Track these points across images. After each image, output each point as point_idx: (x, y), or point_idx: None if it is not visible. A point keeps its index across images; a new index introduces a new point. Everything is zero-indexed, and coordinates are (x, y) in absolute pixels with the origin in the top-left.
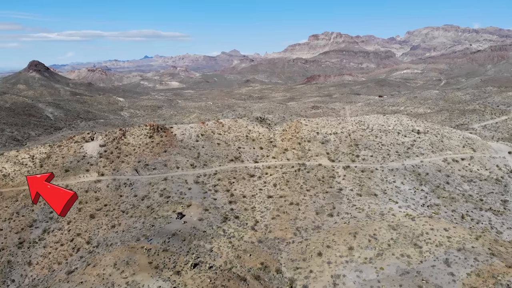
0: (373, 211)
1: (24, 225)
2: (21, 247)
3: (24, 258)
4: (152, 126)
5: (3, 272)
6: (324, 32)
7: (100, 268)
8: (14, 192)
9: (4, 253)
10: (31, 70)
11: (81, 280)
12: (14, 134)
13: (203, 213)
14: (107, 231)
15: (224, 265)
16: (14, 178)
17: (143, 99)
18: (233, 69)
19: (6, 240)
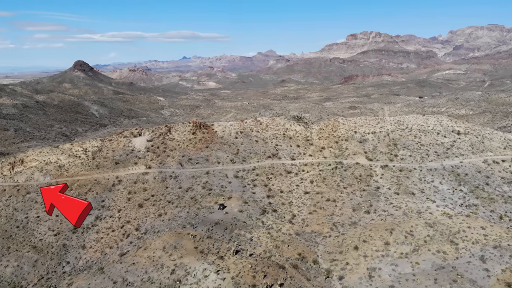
0: (410, 209)
1: None
2: (75, 232)
3: (78, 242)
4: (195, 123)
5: (59, 255)
6: (362, 31)
7: (151, 251)
8: (68, 182)
9: (59, 237)
10: (76, 70)
11: (133, 262)
12: (63, 130)
13: (242, 205)
14: (154, 219)
15: (263, 253)
16: (68, 169)
17: (182, 99)
18: (269, 69)
19: (61, 225)
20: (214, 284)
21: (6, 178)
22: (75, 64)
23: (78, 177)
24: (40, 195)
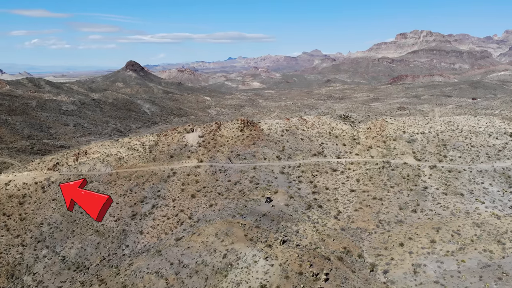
0: (458, 210)
1: (137, 201)
2: (134, 219)
3: (136, 228)
4: (243, 121)
5: (119, 239)
6: (413, 30)
7: (204, 237)
8: (127, 173)
9: (120, 223)
10: (128, 70)
11: (188, 246)
12: (118, 126)
13: (288, 199)
14: (206, 209)
15: (309, 245)
16: (127, 161)
17: (227, 99)
18: (314, 69)
19: (121, 212)
20: (263, 269)
21: (71, 168)
22: (127, 64)
23: (136, 168)
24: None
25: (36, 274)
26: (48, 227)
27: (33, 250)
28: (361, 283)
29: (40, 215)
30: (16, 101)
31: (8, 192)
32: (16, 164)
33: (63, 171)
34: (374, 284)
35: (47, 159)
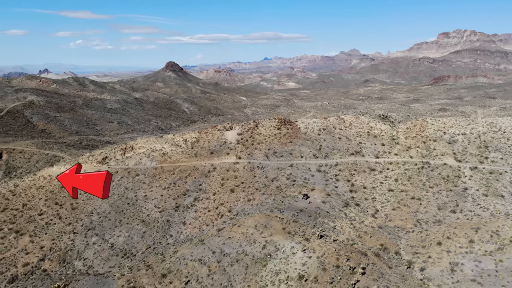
0: (498, 211)
1: (179, 193)
2: (177, 210)
3: (179, 219)
4: (280, 120)
5: (163, 228)
6: (456, 29)
7: (244, 228)
8: (171, 167)
9: (164, 214)
10: (167, 70)
11: (229, 236)
12: (159, 124)
13: (325, 197)
14: (244, 203)
15: (346, 241)
16: (171, 156)
17: (263, 99)
18: (351, 68)
19: (165, 204)
20: (301, 260)
21: (119, 162)
22: (167, 65)
23: (179, 163)
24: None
25: (86, 259)
26: (98, 216)
27: (83, 237)
28: (397, 278)
29: (90, 205)
30: (64, 99)
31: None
32: (67, 158)
33: (111, 165)
34: (410, 280)
35: (96, 153)
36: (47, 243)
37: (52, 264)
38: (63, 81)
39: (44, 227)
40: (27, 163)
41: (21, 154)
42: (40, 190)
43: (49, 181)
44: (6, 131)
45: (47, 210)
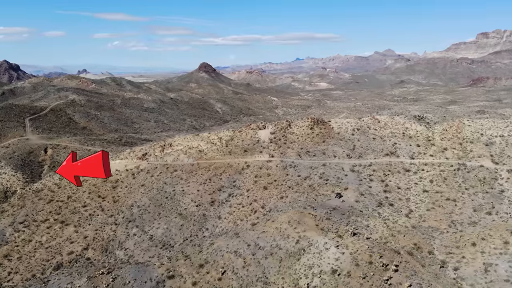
0: None
1: (215, 189)
2: (212, 205)
3: (215, 213)
4: (313, 119)
5: (200, 222)
6: (495, 29)
7: (278, 224)
8: (207, 164)
9: (200, 208)
10: (201, 71)
11: (263, 230)
12: (193, 124)
13: (359, 196)
14: (277, 200)
15: (379, 239)
16: (207, 153)
17: (294, 99)
18: (386, 69)
19: (201, 198)
20: (335, 256)
21: (158, 158)
22: (200, 66)
23: (214, 160)
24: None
25: (127, 249)
26: (138, 209)
27: (124, 229)
28: (430, 276)
29: (131, 198)
30: (103, 98)
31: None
32: (108, 154)
33: (151, 161)
34: (443, 278)
35: (136, 150)
36: (91, 233)
37: (95, 253)
38: (101, 81)
39: (87, 218)
40: None
41: (65, 150)
42: (84, 184)
43: None
44: (50, 128)
45: (91, 202)
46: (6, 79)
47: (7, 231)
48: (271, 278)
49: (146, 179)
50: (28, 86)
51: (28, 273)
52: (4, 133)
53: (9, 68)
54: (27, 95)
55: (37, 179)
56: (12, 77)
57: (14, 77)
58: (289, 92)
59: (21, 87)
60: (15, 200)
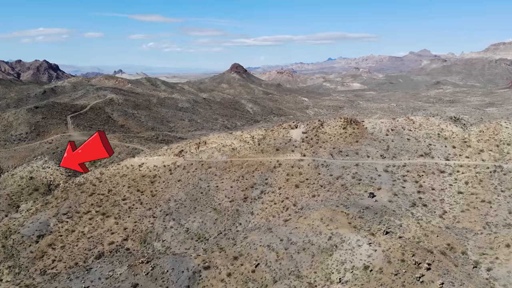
0: None
1: (247, 186)
2: (245, 201)
3: (247, 209)
4: (346, 119)
5: (233, 217)
6: None
7: (310, 220)
8: (240, 161)
9: (233, 203)
10: (232, 72)
11: (295, 226)
12: (225, 123)
13: (392, 196)
14: (309, 199)
15: (412, 238)
16: (240, 151)
17: (325, 100)
18: (421, 70)
19: (235, 194)
20: (367, 252)
21: (193, 155)
22: (232, 67)
23: (247, 158)
24: (213, 169)
25: (164, 241)
26: (174, 203)
27: (162, 221)
28: (463, 276)
29: (168, 193)
30: (139, 97)
31: (141, 172)
32: (146, 150)
33: (187, 157)
34: (476, 278)
35: (173, 147)
36: (130, 225)
37: (134, 244)
38: (137, 81)
39: (127, 211)
40: None
41: None
42: (124, 178)
43: (131, 170)
44: (90, 125)
45: (130, 196)
46: (45, 78)
47: (51, 222)
48: (303, 272)
49: (182, 175)
50: (68, 85)
51: (71, 261)
52: (47, 129)
53: (48, 68)
54: (67, 94)
55: (79, 174)
56: (52, 76)
57: (54, 76)
58: (321, 93)
59: (62, 86)
60: (58, 193)
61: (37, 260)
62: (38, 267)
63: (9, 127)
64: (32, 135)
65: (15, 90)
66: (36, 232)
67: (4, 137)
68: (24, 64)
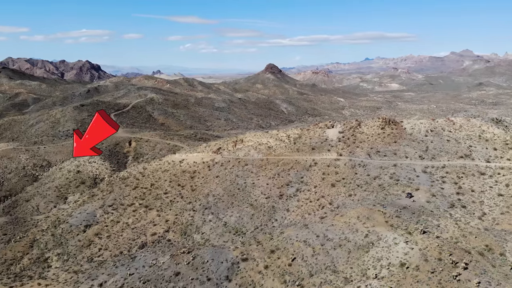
0: None
1: (283, 184)
2: (281, 198)
3: (283, 206)
4: (384, 119)
5: (269, 213)
6: None
7: (346, 218)
8: (275, 159)
9: (269, 200)
10: (267, 72)
11: (332, 223)
12: (260, 123)
13: (430, 197)
14: (345, 198)
15: (450, 239)
16: (275, 149)
17: (362, 100)
18: (463, 70)
19: (271, 191)
20: (403, 250)
21: (230, 152)
22: (267, 67)
23: (282, 156)
24: (249, 166)
25: (203, 233)
26: (213, 198)
27: (201, 215)
28: (500, 276)
29: (207, 188)
30: (178, 97)
31: (182, 168)
32: (185, 147)
33: (224, 155)
34: None
35: (211, 144)
36: (171, 218)
37: (175, 235)
38: (175, 81)
39: (168, 204)
40: (152, 151)
41: (147, 143)
42: (165, 173)
43: (172, 166)
44: (132, 123)
45: (171, 190)
46: (88, 78)
47: (98, 213)
48: (339, 267)
49: (220, 171)
50: (110, 84)
51: (116, 250)
52: None
53: (90, 68)
54: (110, 93)
55: (123, 168)
56: (93, 76)
57: (95, 76)
58: (357, 93)
59: (104, 85)
60: (104, 186)
61: (85, 248)
62: (85, 255)
63: (57, 124)
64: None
65: (59, 89)
66: (83, 222)
67: (52, 133)
68: (68, 64)
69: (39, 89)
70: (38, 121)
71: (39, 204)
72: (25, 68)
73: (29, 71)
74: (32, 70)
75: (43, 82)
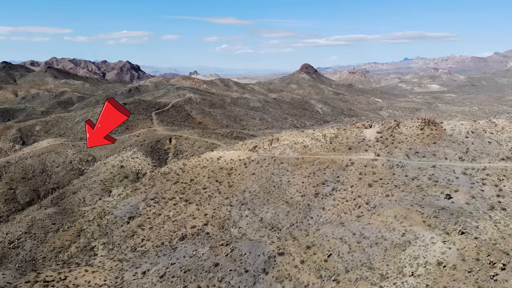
0: None
1: (319, 182)
2: (316, 197)
3: (319, 204)
4: (424, 120)
5: (304, 211)
6: None
7: (383, 217)
8: (311, 158)
9: (305, 198)
10: (302, 72)
11: (368, 222)
12: (294, 123)
13: (469, 199)
14: (382, 198)
15: (488, 240)
16: (311, 149)
17: (400, 101)
18: (507, 71)
19: (306, 190)
20: (441, 250)
21: (266, 151)
22: (302, 67)
23: (318, 156)
24: (284, 164)
25: (240, 228)
26: (249, 194)
27: (238, 210)
28: None
29: (243, 184)
30: (215, 97)
31: (219, 165)
32: (222, 145)
33: (260, 153)
34: None
35: (247, 142)
36: (210, 212)
37: (213, 229)
38: (211, 81)
39: (207, 199)
40: (191, 148)
41: (186, 140)
42: (204, 169)
43: (210, 162)
44: (172, 121)
45: (209, 186)
46: (128, 78)
47: (141, 205)
48: (375, 264)
49: (256, 169)
50: (150, 84)
51: (158, 241)
52: (135, 124)
53: (131, 68)
54: (150, 92)
55: (163, 164)
56: (133, 76)
57: (135, 76)
58: (395, 94)
59: (145, 85)
60: (146, 180)
61: (128, 238)
62: (129, 245)
63: None
64: (122, 129)
65: (101, 88)
66: (127, 214)
67: None
68: (109, 64)
69: (82, 88)
70: (84, 118)
71: (85, 196)
72: (69, 68)
73: (73, 71)
74: (75, 70)
75: (86, 81)
